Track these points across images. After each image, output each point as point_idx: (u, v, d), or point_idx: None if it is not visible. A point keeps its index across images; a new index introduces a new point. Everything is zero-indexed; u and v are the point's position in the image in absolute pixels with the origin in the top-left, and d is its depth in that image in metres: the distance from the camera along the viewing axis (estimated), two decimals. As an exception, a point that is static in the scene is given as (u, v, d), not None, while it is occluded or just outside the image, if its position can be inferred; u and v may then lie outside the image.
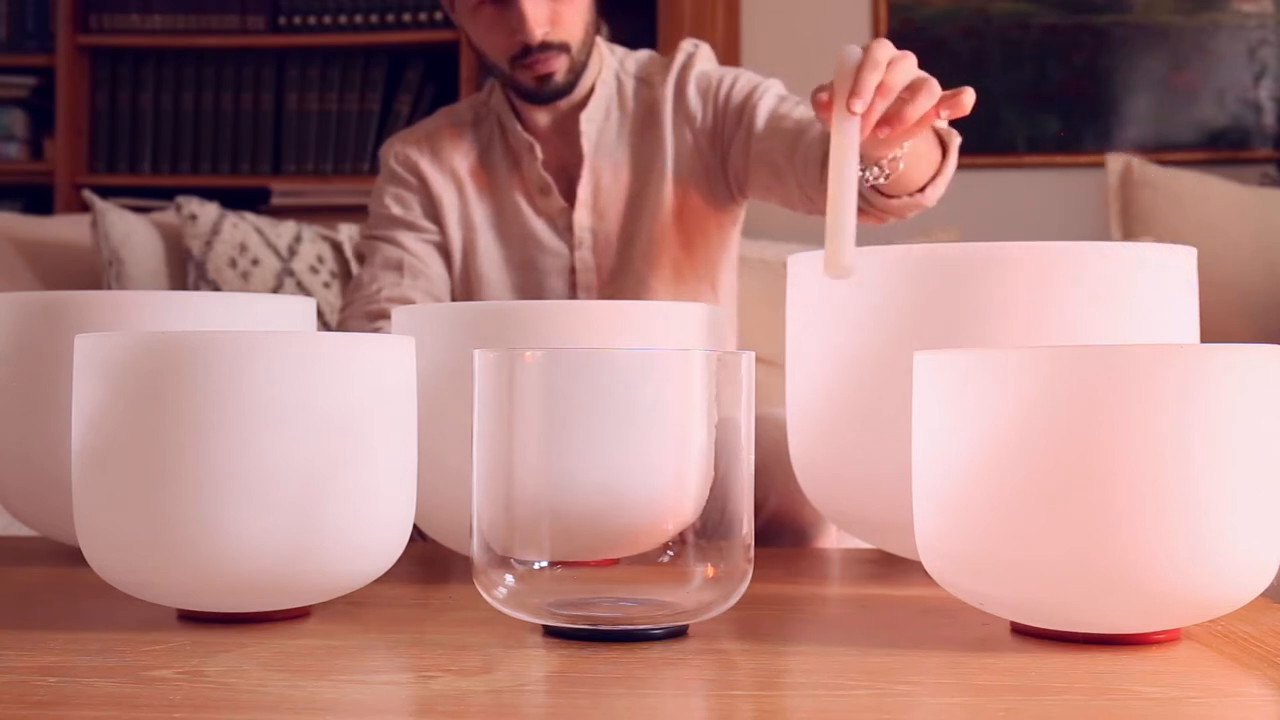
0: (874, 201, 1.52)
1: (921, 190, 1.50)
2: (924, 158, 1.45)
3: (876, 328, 1.10)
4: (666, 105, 1.78)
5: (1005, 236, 2.83)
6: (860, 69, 1.22)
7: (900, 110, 1.24)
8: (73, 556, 1.22)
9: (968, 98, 1.28)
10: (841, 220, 1.16)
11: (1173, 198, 2.97)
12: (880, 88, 1.23)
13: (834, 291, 1.13)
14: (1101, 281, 1.05)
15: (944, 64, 3.30)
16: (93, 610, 1.03)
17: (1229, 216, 2.93)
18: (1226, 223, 2.92)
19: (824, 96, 1.24)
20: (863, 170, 1.41)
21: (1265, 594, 0.97)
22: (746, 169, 1.74)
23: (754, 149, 1.71)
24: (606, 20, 1.86)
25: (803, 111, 1.69)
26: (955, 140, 1.50)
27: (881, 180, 1.42)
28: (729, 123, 1.75)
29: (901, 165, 1.40)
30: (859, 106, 1.21)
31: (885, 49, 1.25)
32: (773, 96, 1.73)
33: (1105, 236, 2.99)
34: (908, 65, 1.25)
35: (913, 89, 1.25)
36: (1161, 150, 3.25)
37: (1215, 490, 0.84)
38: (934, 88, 1.26)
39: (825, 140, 1.57)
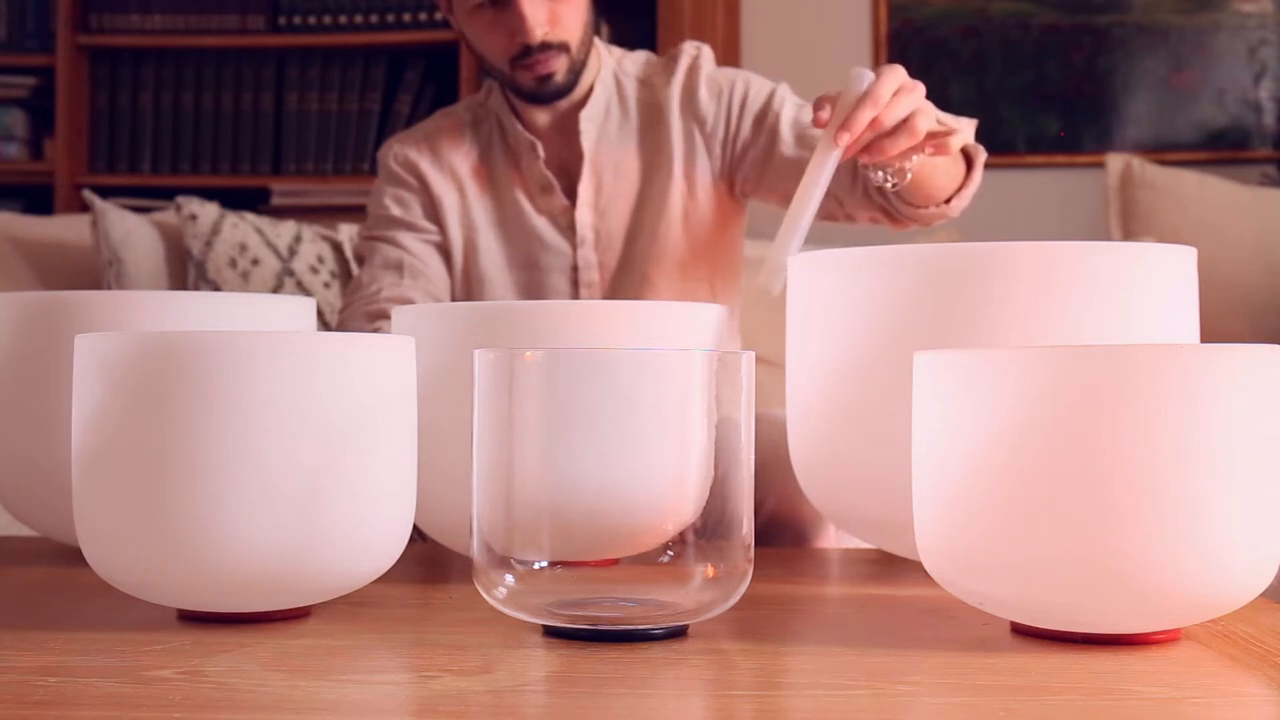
0: (900, 210, 1.57)
1: (947, 201, 1.56)
2: (941, 169, 1.51)
3: (876, 328, 1.10)
4: (673, 106, 1.78)
5: (1005, 236, 2.83)
6: (860, 102, 1.29)
7: (880, 143, 1.32)
8: (73, 556, 1.22)
9: (955, 140, 1.37)
10: (790, 238, 1.28)
11: (1173, 198, 2.97)
12: (873, 123, 1.30)
13: (834, 291, 1.13)
14: (1101, 281, 1.05)
15: (944, 64, 3.31)
16: (93, 610, 1.03)
17: (1229, 216, 2.93)
18: (1226, 223, 2.92)
19: (823, 115, 1.31)
20: (872, 173, 1.46)
21: (1265, 594, 0.97)
22: (763, 174, 1.76)
23: (780, 157, 1.74)
24: (606, 21, 1.87)
25: None
26: (980, 156, 1.57)
27: (889, 185, 1.47)
28: (744, 128, 1.77)
29: (909, 175, 1.44)
30: (844, 141, 1.29)
31: (891, 81, 1.30)
32: (791, 105, 1.77)
33: (1105, 236, 2.99)
34: (909, 100, 1.31)
35: (900, 126, 1.31)
36: (1161, 150, 3.25)
37: (1215, 490, 0.84)
38: (917, 128, 1.32)
39: None
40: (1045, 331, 1.04)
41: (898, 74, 1.32)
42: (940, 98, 1.72)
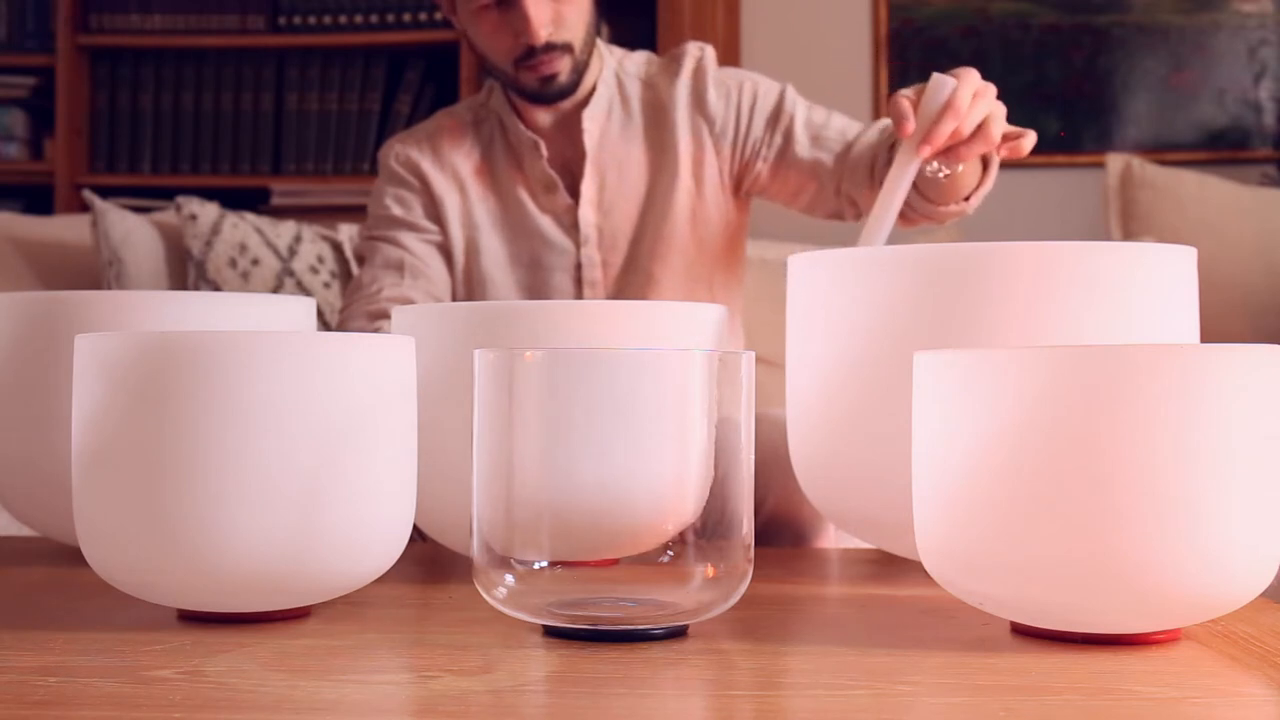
0: (920, 207, 1.63)
1: (966, 199, 1.59)
2: (970, 167, 1.54)
3: (876, 328, 1.10)
4: (679, 106, 1.79)
5: (1005, 236, 2.82)
6: (943, 114, 1.34)
7: (956, 150, 1.38)
8: (73, 556, 1.22)
9: (1027, 141, 1.42)
10: (877, 233, 1.35)
11: (1173, 198, 2.97)
12: (953, 132, 1.35)
13: (834, 291, 1.13)
14: (1101, 281, 1.05)
15: (944, 64, 3.30)
16: (93, 610, 1.03)
17: (1229, 216, 2.93)
18: (1226, 223, 2.92)
19: (909, 127, 1.35)
20: (926, 165, 1.49)
21: (1265, 594, 0.97)
22: (776, 174, 1.79)
23: (794, 157, 1.77)
24: (606, 21, 1.88)
25: (837, 120, 1.79)
26: (995, 157, 1.59)
27: (941, 175, 1.51)
28: (755, 129, 1.79)
29: (960, 167, 1.49)
30: (925, 153, 1.35)
31: (969, 86, 1.36)
32: (802, 106, 1.80)
33: (1105, 236, 2.99)
34: (983, 105, 1.37)
35: (976, 132, 1.37)
36: (1161, 150, 3.25)
37: (1215, 490, 0.84)
38: (993, 134, 1.38)
39: (872, 149, 1.71)
40: (1045, 331, 1.04)
41: (973, 79, 1.37)
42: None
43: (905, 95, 1.39)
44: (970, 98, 1.35)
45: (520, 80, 1.74)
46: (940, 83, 1.36)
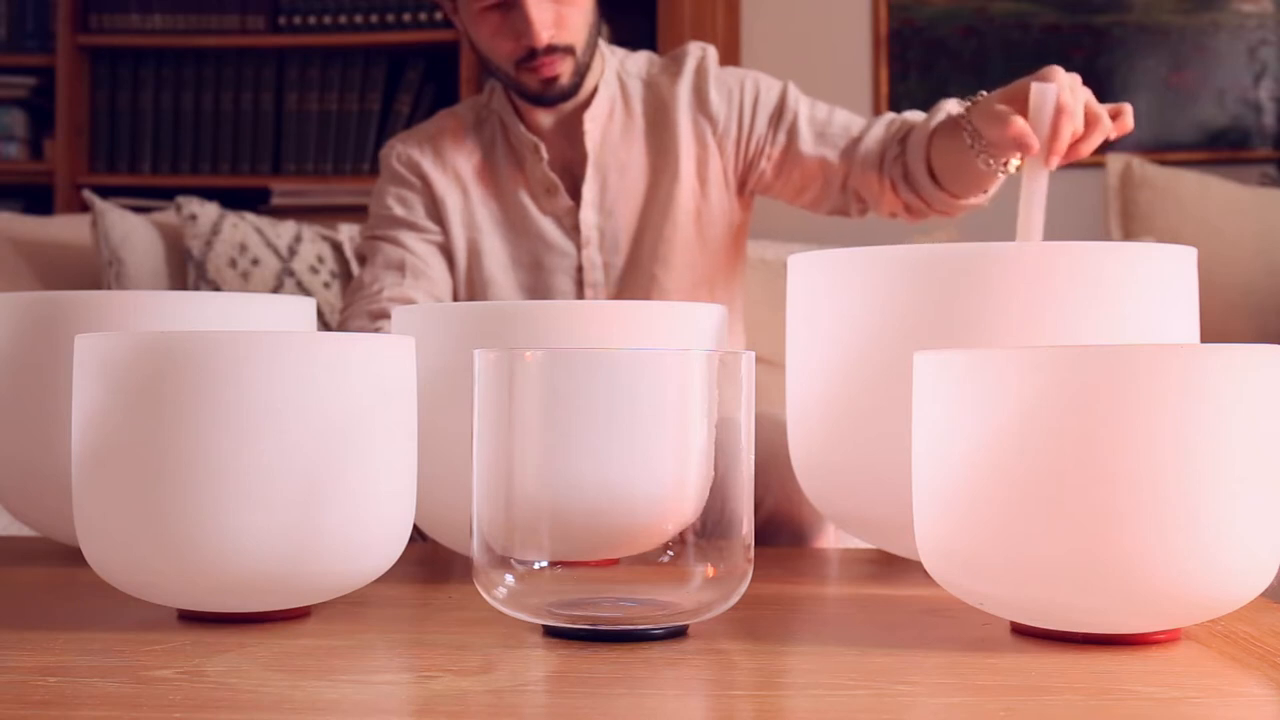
0: (935, 202, 1.61)
1: (984, 190, 1.61)
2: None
3: (876, 328, 1.10)
4: (681, 106, 1.79)
5: (1005, 236, 2.82)
6: (1058, 121, 1.34)
7: (1076, 147, 1.38)
8: (73, 556, 1.22)
9: (1128, 116, 1.41)
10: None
11: (1173, 198, 2.96)
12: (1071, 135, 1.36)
13: (834, 291, 1.13)
14: (1101, 281, 1.05)
15: (944, 64, 3.30)
16: (93, 610, 1.03)
17: (1229, 216, 2.93)
18: (1226, 223, 2.92)
19: (1034, 146, 1.35)
20: (982, 163, 1.51)
21: (1265, 594, 0.97)
22: (780, 171, 1.79)
23: (799, 154, 1.77)
24: (607, 21, 1.88)
25: (840, 116, 1.79)
26: None
27: (1012, 169, 1.52)
28: (758, 127, 1.79)
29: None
30: (1054, 164, 1.36)
31: (1066, 83, 1.36)
32: (805, 103, 1.80)
33: (1105, 236, 2.99)
34: (1080, 94, 1.37)
35: (1087, 125, 1.37)
36: (1161, 150, 3.25)
37: (1215, 490, 0.84)
38: (1106, 124, 1.38)
39: (881, 145, 1.71)
40: (1045, 331, 1.04)
41: (1063, 77, 1.37)
42: (940, 98, 1.73)
43: (1004, 110, 1.38)
44: (1073, 100, 1.36)
45: (522, 82, 1.74)
46: (1043, 92, 1.36)
